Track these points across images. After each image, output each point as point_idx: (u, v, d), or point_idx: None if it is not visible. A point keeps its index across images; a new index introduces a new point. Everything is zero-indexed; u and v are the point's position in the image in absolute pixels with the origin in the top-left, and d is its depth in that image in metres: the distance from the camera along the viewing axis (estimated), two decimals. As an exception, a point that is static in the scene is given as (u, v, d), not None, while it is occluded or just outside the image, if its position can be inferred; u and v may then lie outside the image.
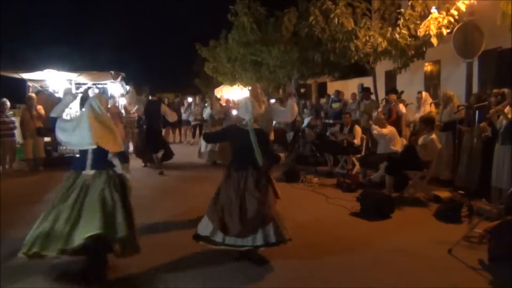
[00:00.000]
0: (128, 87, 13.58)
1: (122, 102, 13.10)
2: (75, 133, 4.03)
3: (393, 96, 9.28)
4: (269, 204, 4.19)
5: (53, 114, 4.26)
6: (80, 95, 13.52)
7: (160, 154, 9.52)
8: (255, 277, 4.00)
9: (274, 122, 13.00)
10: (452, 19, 7.75)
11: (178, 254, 4.52)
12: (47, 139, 10.67)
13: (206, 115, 10.68)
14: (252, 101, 4.36)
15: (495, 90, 6.64)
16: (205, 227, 4.22)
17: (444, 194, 6.72)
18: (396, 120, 8.86)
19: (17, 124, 9.84)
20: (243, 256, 4.29)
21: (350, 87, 17.12)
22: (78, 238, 3.69)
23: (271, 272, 4.11)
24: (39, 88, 11.89)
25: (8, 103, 9.71)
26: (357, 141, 8.80)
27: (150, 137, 9.56)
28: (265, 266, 4.19)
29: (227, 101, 16.69)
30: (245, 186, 4.15)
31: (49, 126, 10.27)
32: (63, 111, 4.36)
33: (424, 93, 9.33)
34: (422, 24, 8.16)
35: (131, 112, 11.88)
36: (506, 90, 6.47)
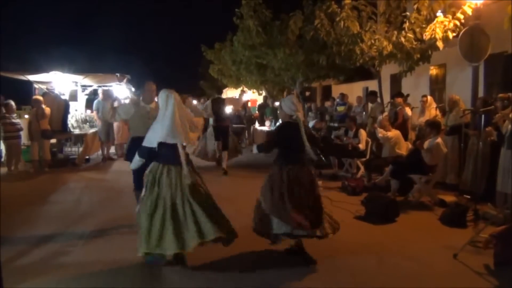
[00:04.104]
0: (133, 89, 13.63)
1: (127, 104, 13.11)
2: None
3: (400, 100, 9.26)
4: (319, 196, 4.46)
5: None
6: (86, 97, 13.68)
7: None
8: (258, 279, 4.01)
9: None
10: (458, 23, 7.73)
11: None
12: (52, 140, 10.73)
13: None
14: (294, 98, 4.60)
15: (501, 95, 6.61)
16: (278, 226, 4.28)
17: (450, 198, 6.69)
18: (402, 124, 8.83)
19: (23, 125, 9.91)
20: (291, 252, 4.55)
21: (355, 90, 17.12)
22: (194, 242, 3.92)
23: (274, 273, 4.11)
24: (45, 90, 11.95)
25: (14, 105, 9.78)
26: (362, 146, 8.79)
27: None
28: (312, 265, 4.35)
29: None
30: (301, 179, 4.33)
31: (54, 128, 10.39)
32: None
33: (429, 97, 9.30)
34: (428, 27, 8.13)
35: None
36: (512, 94, 6.45)
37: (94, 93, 14.02)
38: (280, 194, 4.26)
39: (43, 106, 9.94)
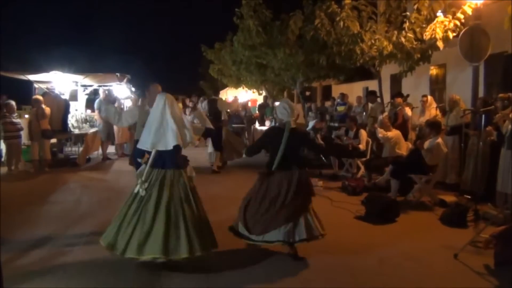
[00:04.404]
0: (133, 89, 13.65)
1: (127, 104, 13.16)
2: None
3: (400, 100, 9.26)
4: (300, 202, 4.35)
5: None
6: (86, 97, 13.68)
7: None
8: (258, 278, 4.01)
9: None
10: (458, 23, 7.74)
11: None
12: (53, 140, 10.72)
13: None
14: (288, 103, 4.60)
15: (501, 95, 6.61)
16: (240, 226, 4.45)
17: (450, 198, 6.70)
18: (402, 124, 8.84)
19: (23, 125, 9.90)
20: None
21: (355, 90, 17.12)
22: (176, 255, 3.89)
23: (275, 273, 4.11)
24: (45, 89, 11.95)
25: (15, 105, 9.78)
26: (362, 146, 8.79)
27: None
28: (300, 261, 4.39)
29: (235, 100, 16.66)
30: (285, 186, 4.34)
31: (55, 128, 10.39)
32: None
33: (429, 97, 9.31)
34: (428, 27, 8.14)
35: None
36: (512, 95, 6.45)
37: (95, 93, 14.02)
38: (249, 196, 4.47)
39: (43, 106, 9.94)
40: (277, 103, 15.08)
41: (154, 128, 4.06)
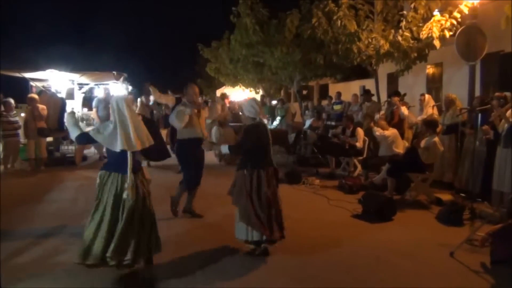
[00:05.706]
0: (130, 88, 13.63)
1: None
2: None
3: (396, 99, 9.29)
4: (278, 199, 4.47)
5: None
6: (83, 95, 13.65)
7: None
8: (257, 278, 4.01)
9: (276, 124, 12.93)
10: (455, 22, 7.77)
11: (180, 253, 4.54)
12: (49, 139, 10.69)
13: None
14: (256, 101, 4.56)
15: (497, 94, 6.64)
16: (246, 232, 4.38)
17: (446, 196, 6.72)
18: (398, 123, 8.86)
19: (20, 123, 9.87)
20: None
21: (352, 89, 17.13)
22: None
23: (273, 272, 4.12)
24: (42, 88, 11.91)
25: (13, 103, 9.75)
26: (359, 144, 8.81)
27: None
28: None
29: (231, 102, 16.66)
30: (266, 183, 4.35)
31: (51, 126, 10.36)
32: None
33: (427, 96, 9.33)
34: (425, 26, 8.17)
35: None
36: (508, 93, 6.47)
37: (91, 92, 13.99)
38: (250, 200, 4.32)
39: (39, 104, 9.90)
40: (274, 102, 15.08)
41: (116, 129, 3.86)
